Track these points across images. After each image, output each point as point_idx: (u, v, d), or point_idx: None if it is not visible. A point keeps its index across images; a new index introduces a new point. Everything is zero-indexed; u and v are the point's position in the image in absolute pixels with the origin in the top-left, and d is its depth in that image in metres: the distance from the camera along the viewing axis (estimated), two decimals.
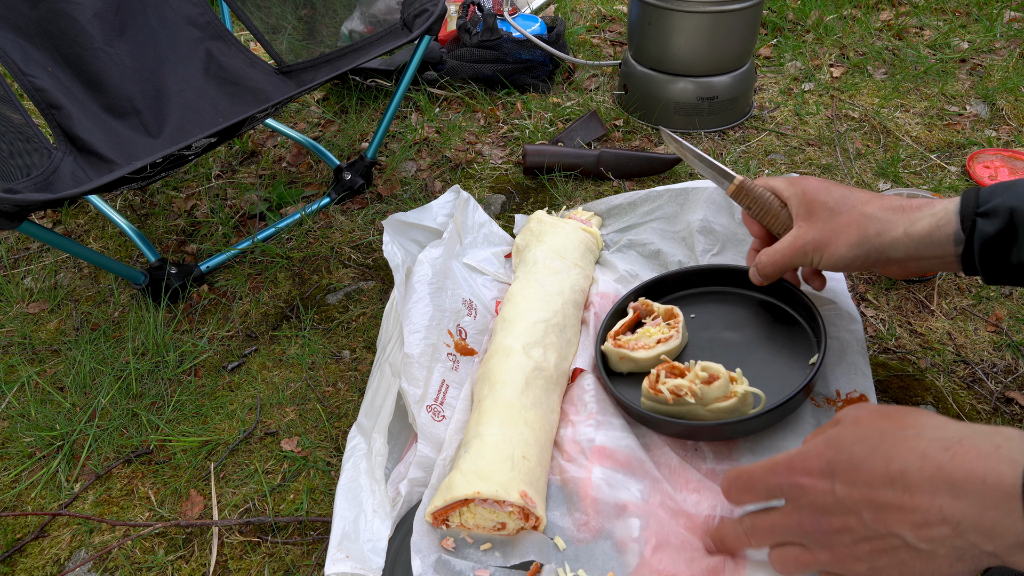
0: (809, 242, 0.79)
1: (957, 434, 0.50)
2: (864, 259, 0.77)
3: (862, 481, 0.52)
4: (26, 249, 1.31)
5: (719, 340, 0.93)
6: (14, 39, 1.25)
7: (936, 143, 1.40)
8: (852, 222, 0.77)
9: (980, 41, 1.73)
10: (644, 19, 1.43)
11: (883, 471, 0.51)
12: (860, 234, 0.76)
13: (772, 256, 0.84)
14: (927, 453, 0.50)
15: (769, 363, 0.89)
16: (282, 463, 0.91)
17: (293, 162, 1.48)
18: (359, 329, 1.09)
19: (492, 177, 1.38)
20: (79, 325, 1.14)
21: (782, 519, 0.59)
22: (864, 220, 0.76)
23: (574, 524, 0.76)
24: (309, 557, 0.81)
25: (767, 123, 1.49)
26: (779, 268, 0.84)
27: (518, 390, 0.84)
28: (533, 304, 0.95)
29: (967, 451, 0.49)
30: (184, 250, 1.27)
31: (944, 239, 0.72)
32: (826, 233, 0.78)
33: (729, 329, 0.94)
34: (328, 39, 1.51)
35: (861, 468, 0.52)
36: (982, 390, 0.93)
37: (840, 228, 0.77)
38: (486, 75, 1.62)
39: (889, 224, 0.75)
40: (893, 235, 0.74)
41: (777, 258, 0.83)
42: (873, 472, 0.51)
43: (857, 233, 0.76)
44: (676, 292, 1.01)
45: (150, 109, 1.33)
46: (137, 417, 0.98)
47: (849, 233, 0.76)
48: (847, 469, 0.53)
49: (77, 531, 0.86)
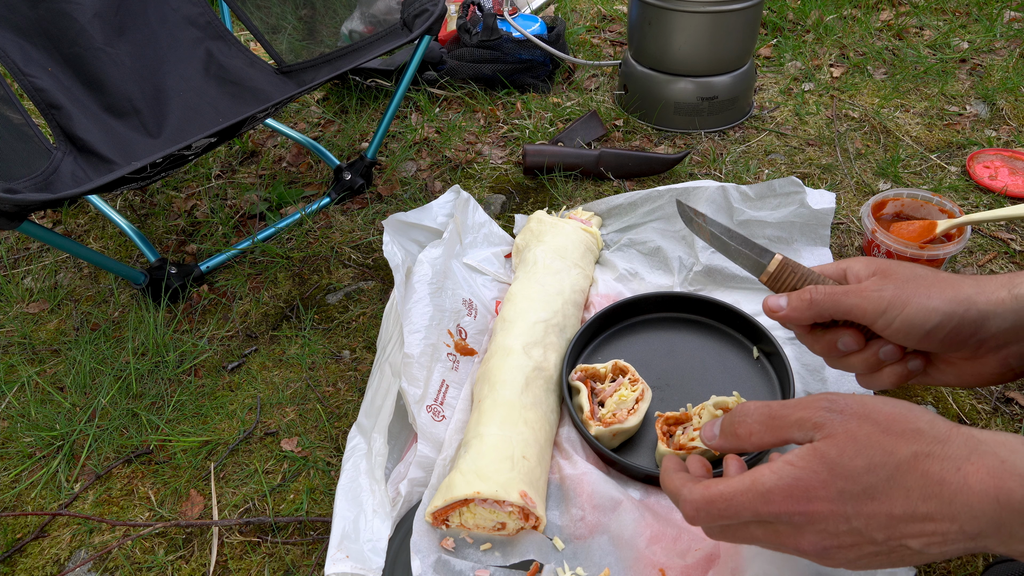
0: (886, 289, 0.60)
1: (964, 450, 0.49)
2: (958, 323, 0.58)
3: (882, 513, 0.50)
4: (26, 249, 1.31)
5: (677, 369, 0.94)
6: (14, 39, 1.25)
7: (936, 143, 1.40)
8: (940, 280, 0.61)
9: (980, 41, 1.73)
10: (644, 19, 1.43)
11: (903, 503, 0.49)
12: (954, 289, 0.59)
13: (831, 293, 0.63)
14: (944, 478, 0.48)
15: (730, 380, 0.91)
16: (282, 463, 0.91)
17: (293, 162, 1.48)
18: (359, 329, 1.09)
19: (492, 177, 1.38)
20: (79, 325, 1.14)
21: (770, 537, 0.55)
22: (955, 280, 0.60)
23: (571, 521, 0.76)
24: (309, 557, 0.81)
25: (767, 123, 1.49)
26: (818, 308, 0.63)
27: (518, 390, 0.84)
28: (533, 304, 0.95)
29: (978, 470, 0.48)
30: (184, 250, 1.27)
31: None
32: (908, 287, 0.60)
33: (671, 355, 0.95)
34: (328, 39, 1.51)
35: (878, 499, 0.50)
36: (982, 390, 0.93)
37: (925, 284, 0.60)
38: (486, 75, 1.62)
39: (987, 285, 0.59)
40: (995, 296, 0.58)
41: (839, 294, 0.62)
42: (893, 504, 0.50)
43: (950, 288, 0.59)
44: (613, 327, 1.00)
45: (150, 109, 1.33)
46: (137, 417, 0.98)
47: (940, 287, 0.60)
48: (862, 499, 0.50)
49: (77, 531, 0.86)
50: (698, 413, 0.81)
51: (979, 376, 0.63)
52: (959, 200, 1.24)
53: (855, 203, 1.25)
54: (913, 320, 0.59)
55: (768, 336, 0.91)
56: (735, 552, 0.71)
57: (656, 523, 0.74)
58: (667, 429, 0.81)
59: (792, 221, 1.06)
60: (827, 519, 0.51)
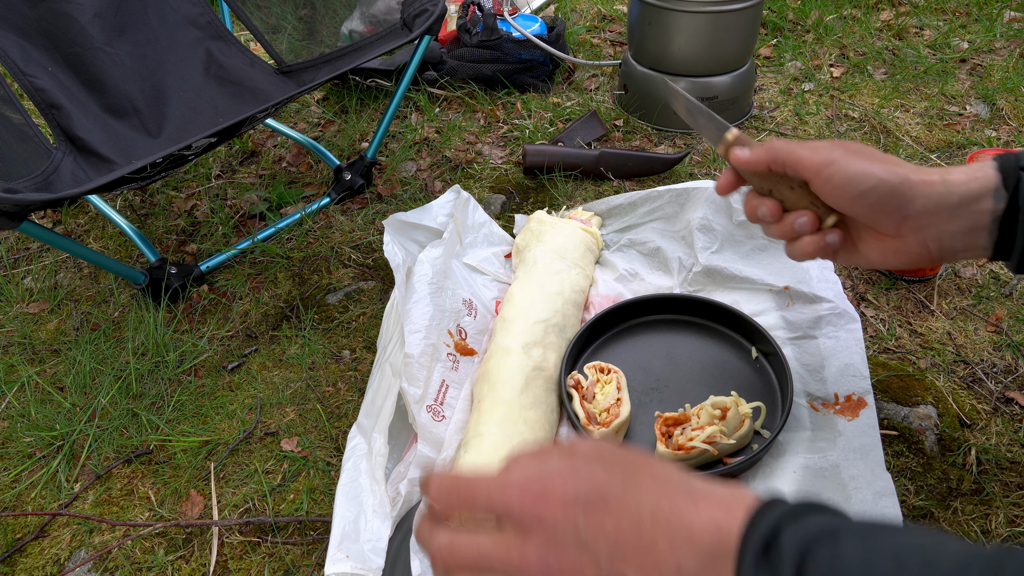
0: (836, 150, 0.65)
1: (701, 487, 0.46)
2: (890, 190, 0.63)
3: (611, 529, 0.45)
4: (26, 249, 1.31)
5: (676, 370, 0.94)
6: (14, 39, 1.25)
7: (936, 143, 1.40)
8: (885, 156, 0.65)
9: (980, 41, 1.73)
10: (644, 19, 1.43)
11: (635, 511, 0.45)
12: (894, 164, 0.64)
13: (788, 143, 0.67)
14: (676, 501, 0.44)
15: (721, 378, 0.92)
16: (282, 463, 0.91)
17: (293, 162, 1.48)
18: (359, 329, 1.09)
19: (492, 177, 1.38)
20: (79, 325, 1.14)
21: (496, 548, 0.46)
22: (898, 160, 0.65)
23: None
24: (309, 557, 0.81)
25: (767, 123, 1.49)
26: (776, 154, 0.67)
27: (518, 390, 0.84)
28: (533, 304, 0.95)
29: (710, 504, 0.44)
30: (184, 250, 1.27)
31: (982, 192, 0.62)
32: (854, 152, 0.65)
33: (670, 356, 0.95)
34: (328, 39, 1.51)
35: (611, 503, 0.45)
36: (982, 390, 0.93)
37: (869, 154, 0.65)
38: (486, 75, 1.62)
39: (925, 170, 0.64)
40: (928, 177, 0.63)
41: (794, 145, 0.66)
42: (623, 509, 0.45)
43: (891, 163, 0.64)
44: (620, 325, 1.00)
45: (150, 109, 1.33)
46: (137, 417, 0.98)
47: (883, 160, 0.64)
48: (596, 503, 0.45)
49: (77, 531, 0.86)
50: (696, 414, 0.81)
51: (899, 254, 0.66)
52: None
53: None
54: (851, 178, 0.63)
55: (767, 337, 0.91)
56: None
57: None
58: (666, 430, 0.81)
59: None
60: (558, 523, 0.45)
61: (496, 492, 0.47)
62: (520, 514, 0.46)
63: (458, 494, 0.49)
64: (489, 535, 0.47)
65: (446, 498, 0.50)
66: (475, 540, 0.48)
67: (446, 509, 0.50)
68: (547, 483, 0.47)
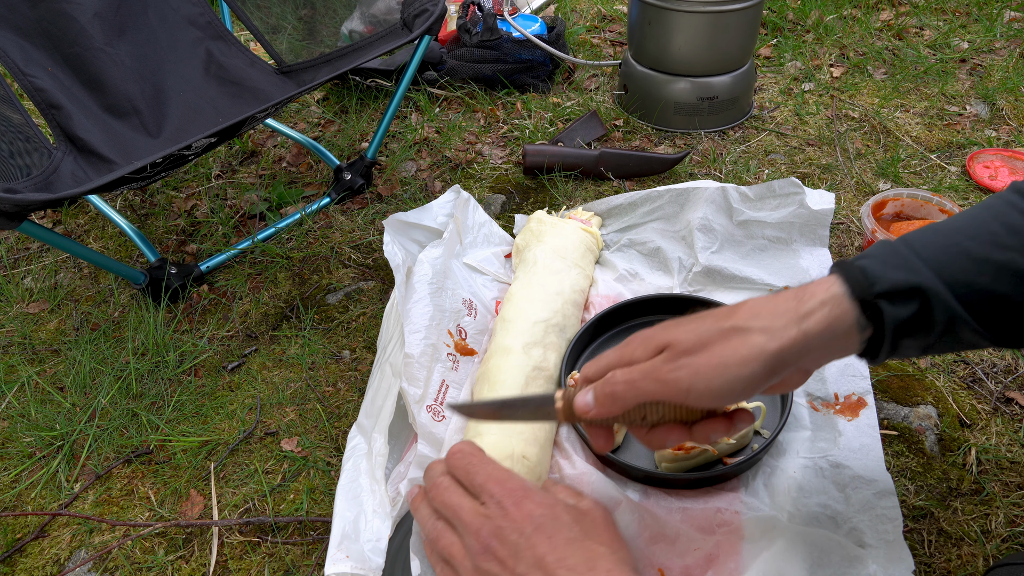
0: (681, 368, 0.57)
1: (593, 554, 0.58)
2: (759, 380, 0.56)
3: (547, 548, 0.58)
4: (26, 249, 1.31)
5: None
6: (14, 39, 1.25)
7: (936, 143, 1.40)
8: (728, 335, 0.57)
9: (980, 41, 1.73)
10: (644, 19, 1.43)
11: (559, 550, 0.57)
12: (746, 345, 0.56)
13: (629, 374, 0.59)
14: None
15: None
16: (282, 463, 0.91)
17: (293, 162, 1.48)
18: (359, 329, 1.09)
19: (492, 177, 1.38)
20: (79, 325, 1.14)
21: (469, 511, 0.61)
22: (743, 328, 0.57)
23: None
24: (309, 557, 0.81)
25: (767, 123, 1.49)
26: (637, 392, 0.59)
27: (518, 390, 0.85)
28: (533, 304, 0.95)
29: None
30: (184, 250, 1.27)
31: (847, 329, 0.57)
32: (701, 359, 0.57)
33: None
34: (328, 39, 1.50)
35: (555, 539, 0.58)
36: (982, 390, 0.93)
37: (715, 349, 0.57)
38: (486, 75, 1.62)
39: (776, 321, 0.57)
40: (786, 337, 0.56)
41: (637, 381, 0.59)
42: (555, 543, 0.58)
43: (743, 345, 0.56)
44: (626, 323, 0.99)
45: (150, 109, 1.33)
46: (137, 417, 0.98)
47: (732, 345, 0.57)
48: (545, 532, 0.58)
49: (77, 531, 0.86)
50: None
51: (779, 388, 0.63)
52: (959, 200, 1.24)
53: (855, 203, 1.25)
54: (717, 393, 0.57)
55: None
56: (735, 552, 0.71)
57: (655, 523, 0.74)
58: None
59: (791, 222, 1.06)
60: (512, 525, 0.58)
61: (487, 478, 0.61)
62: (495, 503, 0.60)
63: (466, 461, 0.63)
64: (471, 500, 0.61)
65: (458, 459, 0.64)
66: (461, 496, 0.62)
67: (451, 467, 0.64)
68: (525, 496, 0.60)
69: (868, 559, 0.68)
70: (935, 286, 0.55)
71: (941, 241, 0.58)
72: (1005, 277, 0.56)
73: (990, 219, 0.58)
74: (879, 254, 0.58)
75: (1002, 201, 0.59)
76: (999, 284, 0.56)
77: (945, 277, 0.56)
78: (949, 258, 0.57)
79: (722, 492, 0.79)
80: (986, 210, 0.59)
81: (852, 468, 0.78)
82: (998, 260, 0.56)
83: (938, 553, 0.76)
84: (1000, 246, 0.56)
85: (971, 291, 0.56)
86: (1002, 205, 0.58)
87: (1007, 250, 0.56)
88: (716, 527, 0.75)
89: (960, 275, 0.56)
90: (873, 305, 0.56)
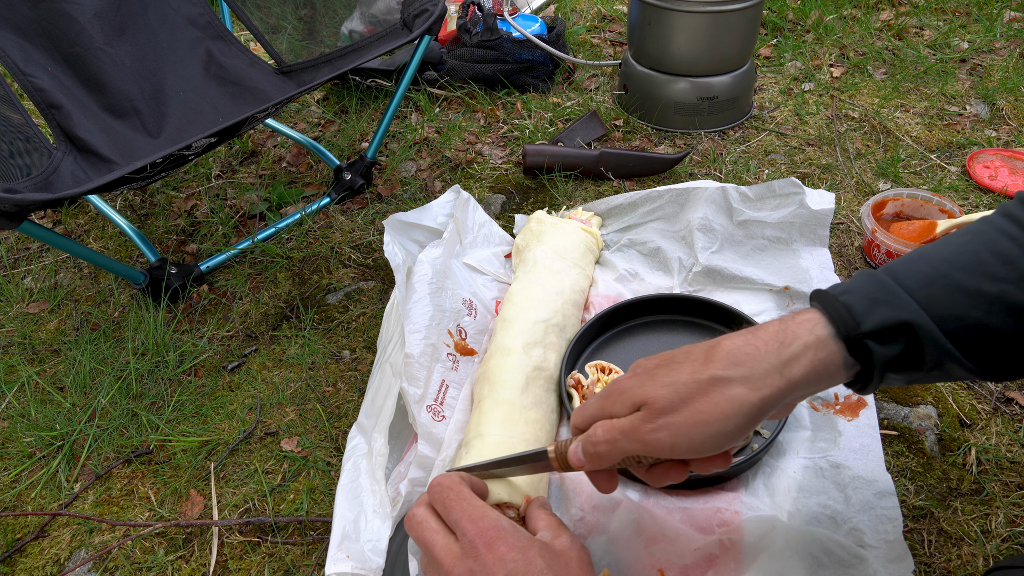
0: (660, 428, 0.55)
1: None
2: (741, 431, 0.55)
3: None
4: (26, 249, 1.31)
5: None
6: (14, 39, 1.25)
7: (936, 143, 1.40)
8: (706, 389, 0.55)
9: (980, 41, 1.73)
10: (644, 19, 1.43)
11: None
12: (726, 399, 0.54)
13: (610, 434, 0.58)
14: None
15: None
16: (282, 463, 0.91)
17: (293, 162, 1.48)
18: (359, 329, 1.09)
19: (492, 177, 1.38)
20: (79, 325, 1.14)
21: (442, 548, 0.59)
22: (722, 376, 0.55)
23: (571, 521, 0.76)
24: (309, 557, 0.81)
25: (767, 123, 1.49)
26: (621, 451, 0.58)
27: (518, 390, 0.84)
28: (533, 304, 0.95)
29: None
30: (184, 250, 1.27)
31: (834, 370, 0.55)
32: (681, 416, 0.55)
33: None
34: (328, 39, 1.50)
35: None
36: (982, 390, 0.93)
37: (694, 406, 0.55)
38: (486, 75, 1.62)
39: (757, 368, 0.54)
40: (768, 387, 0.54)
41: (619, 442, 0.58)
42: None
43: (723, 399, 0.54)
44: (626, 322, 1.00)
45: (150, 109, 1.33)
46: (137, 417, 0.98)
47: (712, 399, 0.54)
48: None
49: (77, 531, 0.86)
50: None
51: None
52: (959, 200, 1.24)
53: (855, 203, 1.25)
54: (700, 450, 0.55)
55: None
56: (735, 552, 0.71)
57: (655, 524, 0.74)
58: None
59: (791, 222, 1.06)
60: (484, 570, 0.56)
61: (462, 515, 0.59)
62: (468, 542, 0.58)
63: (444, 496, 0.61)
64: (446, 536, 0.59)
65: (436, 492, 0.62)
66: (435, 531, 0.60)
67: (431, 500, 0.62)
68: (498, 537, 0.57)
69: (868, 559, 0.68)
70: (924, 322, 0.53)
71: (929, 272, 0.55)
72: (998, 310, 0.53)
73: (980, 248, 0.55)
74: (863, 288, 0.55)
75: (992, 227, 0.56)
76: (992, 318, 0.53)
77: (934, 311, 0.53)
78: (938, 291, 0.54)
79: (722, 492, 0.79)
80: (976, 237, 0.56)
81: (852, 468, 0.78)
82: (990, 293, 0.53)
83: (938, 553, 0.76)
84: (992, 277, 0.53)
85: (962, 326, 0.53)
86: (992, 232, 0.55)
87: (1000, 281, 0.53)
88: (716, 527, 0.75)
89: (951, 309, 0.53)
90: (861, 344, 0.54)
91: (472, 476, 0.66)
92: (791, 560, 0.68)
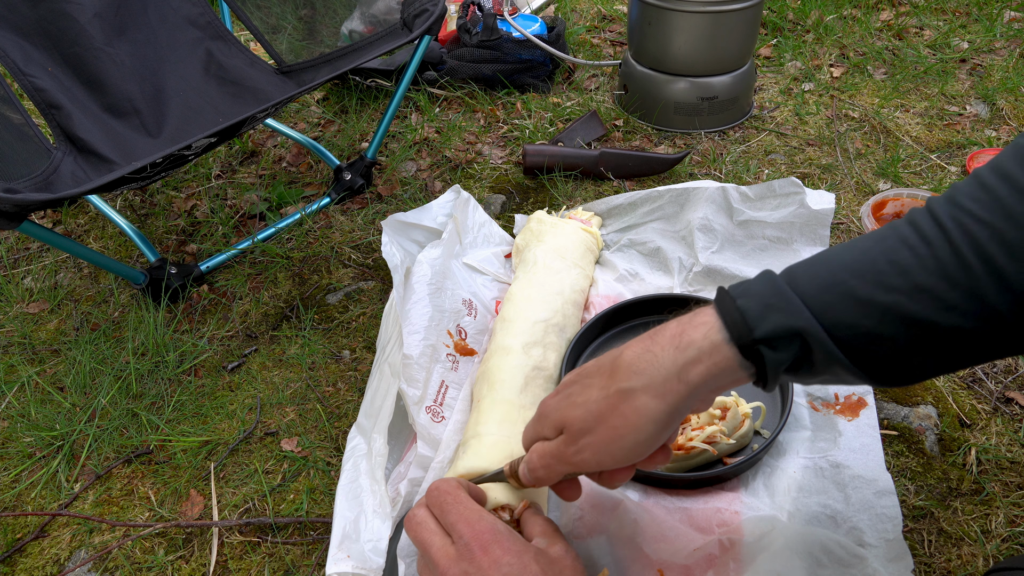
0: (583, 450, 0.59)
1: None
2: (656, 441, 0.58)
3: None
4: (26, 249, 1.31)
5: None
6: (14, 39, 1.25)
7: (936, 143, 1.40)
8: (617, 407, 0.58)
9: (980, 41, 1.73)
10: (644, 19, 1.43)
11: None
12: (636, 413, 0.57)
13: (543, 458, 0.62)
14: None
15: None
16: (282, 463, 0.91)
17: (293, 162, 1.48)
18: (359, 329, 1.09)
19: (492, 177, 1.38)
20: (79, 325, 1.14)
21: (438, 549, 0.60)
22: (629, 389, 0.57)
23: (570, 520, 0.76)
24: (309, 557, 0.81)
25: (767, 123, 1.49)
26: (556, 472, 0.63)
27: (517, 389, 0.84)
28: (533, 304, 0.95)
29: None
30: (184, 250, 1.27)
31: (732, 372, 0.56)
32: (597, 437, 0.59)
33: None
34: (328, 39, 1.50)
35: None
36: (982, 390, 0.93)
37: (609, 427, 0.58)
38: (486, 75, 1.62)
39: (657, 375, 0.56)
40: (671, 393, 0.56)
41: (553, 466, 0.62)
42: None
43: (633, 414, 0.57)
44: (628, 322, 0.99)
45: (150, 109, 1.33)
46: (137, 417, 0.98)
47: (623, 417, 0.57)
48: None
49: (77, 531, 0.86)
50: (696, 413, 0.81)
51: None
52: None
53: (855, 203, 1.25)
54: (624, 459, 0.59)
55: None
56: (735, 552, 0.71)
57: (655, 523, 0.74)
58: None
59: (791, 222, 1.06)
60: (479, 571, 0.57)
61: (458, 518, 0.61)
62: (464, 544, 0.59)
63: (441, 499, 0.62)
64: (443, 538, 0.61)
65: (434, 496, 0.63)
66: (432, 533, 0.61)
67: (429, 503, 0.63)
68: (494, 540, 0.59)
69: (868, 558, 0.68)
70: (814, 330, 0.53)
71: (826, 278, 0.55)
72: (890, 320, 0.52)
73: (879, 256, 0.54)
74: (760, 291, 0.55)
75: (894, 234, 0.55)
76: (884, 327, 0.53)
77: (827, 318, 0.53)
78: (833, 297, 0.54)
79: (722, 492, 0.79)
80: (877, 244, 0.55)
81: (852, 468, 0.78)
82: (883, 303, 0.52)
83: (938, 553, 0.76)
84: (886, 288, 0.53)
85: (854, 334, 0.53)
86: (893, 240, 0.54)
87: (893, 292, 0.52)
88: (716, 527, 0.75)
89: (843, 316, 0.53)
90: (754, 349, 0.54)
91: (469, 482, 0.68)
92: (791, 560, 0.68)
